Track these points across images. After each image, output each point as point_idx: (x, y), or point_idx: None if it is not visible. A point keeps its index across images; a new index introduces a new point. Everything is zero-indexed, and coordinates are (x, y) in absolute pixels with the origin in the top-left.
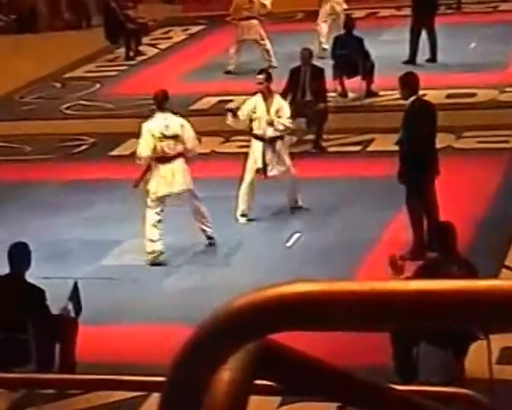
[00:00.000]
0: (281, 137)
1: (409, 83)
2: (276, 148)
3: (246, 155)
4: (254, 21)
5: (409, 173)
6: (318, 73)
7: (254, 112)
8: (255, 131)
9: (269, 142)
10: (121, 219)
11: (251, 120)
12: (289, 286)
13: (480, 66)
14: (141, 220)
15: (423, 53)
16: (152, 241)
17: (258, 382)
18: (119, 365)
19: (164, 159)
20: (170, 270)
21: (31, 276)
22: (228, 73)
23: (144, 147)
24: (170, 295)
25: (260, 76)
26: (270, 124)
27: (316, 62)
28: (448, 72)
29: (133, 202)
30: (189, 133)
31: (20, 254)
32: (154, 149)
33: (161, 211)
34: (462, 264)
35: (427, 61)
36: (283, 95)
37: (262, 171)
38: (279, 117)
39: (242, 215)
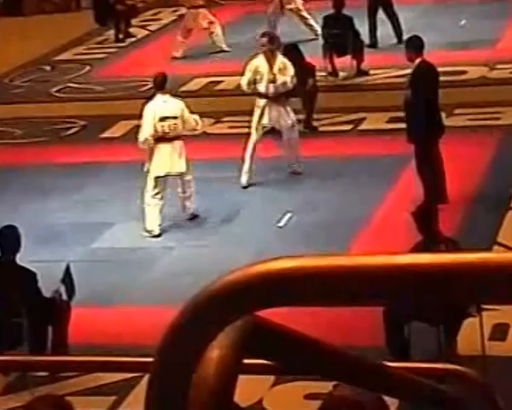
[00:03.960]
0: (285, 95)
1: (413, 45)
2: (280, 105)
3: (237, 135)
4: (202, 10)
5: (416, 133)
6: (291, 50)
7: (257, 72)
8: (259, 90)
9: (272, 99)
10: (112, 201)
11: (255, 82)
12: (276, 262)
13: (470, 43)
14: (132, 203)
15: (411, 33)
16: (151, 222)
17: (250, 361)
18: (112, 347)
19: (164, 139)
20: (161, 252)
21: (22, 259)
22: (175, 58)
23: (146, 129)
24: (161, 277)
25: (264, 39)
26: (272, 81)
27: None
28: (438, 49)
29: (124, 184)
30: (188, 115)
31: (9, 237)
32: (155, 129)
33: (158, 193)
34: (448, 242)
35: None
36: None
37: (266, 126)
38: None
39: (245, 173)
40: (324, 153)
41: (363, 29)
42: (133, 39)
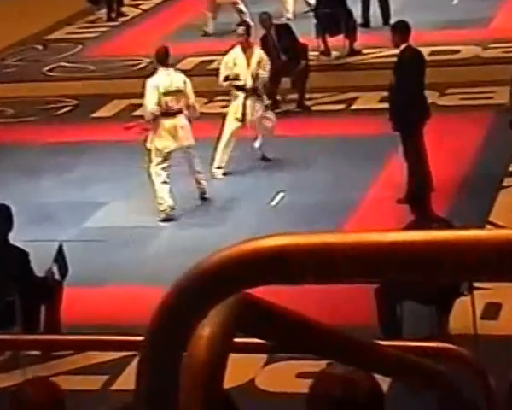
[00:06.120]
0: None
1: (400, 31)
2: (255, 98)
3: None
4: None
5: (401, 119)
6: (284, 30)
7: (235, 64)
8: (236, 83)
9: (250, 92)
10: (104, 180)
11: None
12: (267, 239)
13: (463, 22)
14: (125, 182)
15: (403, 11)
16: (163, 198)
17: (241, 340)
18: (105, 327)
19: (168, 114)
20: (154, 232)
21: (14, 238)
22: (205, 34)
23: (150, 102)
24: (154, 257)
25: (240, 28)
26: (252, 76)
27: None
28: (431, 28)
29: (116, 163)
30: (190, 88)
31: (1, 216)
32: (159, 103)
33: (168, 166)
34: (441, 221)
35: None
36: None
37: (240, 120)
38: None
39: (218, 168)
40: (317, 132)
41: (355, 8)
42: (125, 18)
